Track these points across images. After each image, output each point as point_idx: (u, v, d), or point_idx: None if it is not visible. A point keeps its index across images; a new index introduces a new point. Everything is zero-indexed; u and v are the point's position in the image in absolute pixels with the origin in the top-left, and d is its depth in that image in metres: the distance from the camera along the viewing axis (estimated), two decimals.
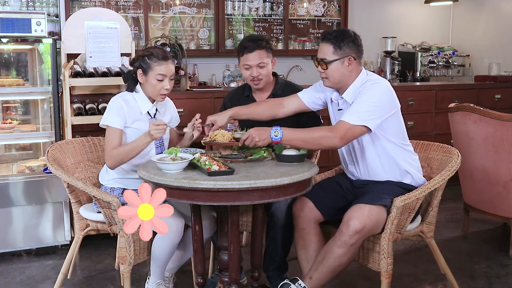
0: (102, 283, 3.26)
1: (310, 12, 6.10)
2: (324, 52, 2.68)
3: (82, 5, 5.07)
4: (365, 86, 2.65)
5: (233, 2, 5.78)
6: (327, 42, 2.68)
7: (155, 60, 2.76)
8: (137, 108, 2.83)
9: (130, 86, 2.85)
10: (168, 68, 2.78)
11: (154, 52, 2.78)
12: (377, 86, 2.64)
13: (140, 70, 2.79)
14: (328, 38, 2.69)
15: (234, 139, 2.57)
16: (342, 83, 2.70)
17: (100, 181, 2.95)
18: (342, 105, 2.77)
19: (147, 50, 2.83)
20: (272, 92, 3.12)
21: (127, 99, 2.82)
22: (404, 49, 6.51)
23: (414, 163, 2.79)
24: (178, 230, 2.63)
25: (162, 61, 2.76)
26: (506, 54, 6.12)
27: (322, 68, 2.69)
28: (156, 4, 5.54)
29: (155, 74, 2.76)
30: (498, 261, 3.55)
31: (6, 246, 3.62)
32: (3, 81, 3.78)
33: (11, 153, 4.19)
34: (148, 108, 2.84)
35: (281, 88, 3.12)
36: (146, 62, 2.76)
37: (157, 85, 2.78)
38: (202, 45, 5.78)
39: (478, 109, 3.59)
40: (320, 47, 2.72)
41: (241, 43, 3.12)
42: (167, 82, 2.79)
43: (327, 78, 2.70)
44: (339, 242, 2.49)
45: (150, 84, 2.78)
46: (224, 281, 2.62)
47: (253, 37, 3.10)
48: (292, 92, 3.05)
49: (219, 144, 2.59)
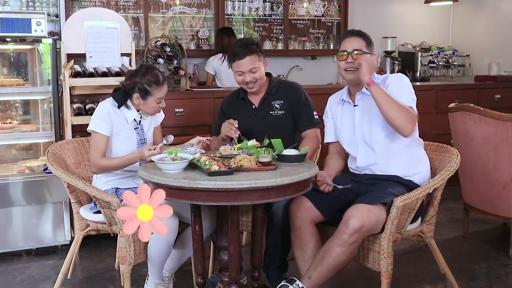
0: (102, 283, 3.26)
1: (310, 12, 6.11)
2: (357, 45, 2.73)
3: (82, 5, 5.08)
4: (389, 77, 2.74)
5: (233, 2, 5.78)
6: (358, 36, 2.76)
7: (154, 87, 2.82)
8: (123, 116, 2.88)
9: (120, 101, 2.86)
10: (165, 90, 2.88)
11: (152, 78, 2.81)
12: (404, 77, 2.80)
13: (138, 95, 2.82)
14: (358, 33, 2.77)
15: (260, 163, 2.51)
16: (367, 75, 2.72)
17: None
18: (359, 101, 2.81)
19: (143, 77, 2.81)
20: (266, 91, 3.12)
21: (114, 106, 2.86)
22: (404, 49, 6.52)
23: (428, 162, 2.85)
24: (172, 229, 2.63)
25: (161, 86, 2.84)
26: (506, 54, 6.13)
27: (355, 58, 2.70)
28: (156, 4, 5.54)
29: (155, 98, 2.84)
30: (498, 261, 3.55)
31: (6, 246, 3.62)
32: (3, 81, 3.78)
33: (11, 153, 4.19)
34: (134, 116, 2.90)
35: (276, 87, 3.12)
36: (145, 88, 2.81)
37: (156, 107, 2.87)
38: (202, 45, 5.78)
39: (478, 109, 3.59)
40: (348, 41, 2.75)
41: (231, 49, 3.08)
42: (163, 102, 2.89)
43: (358, 68, 2.68)
44: (338, 241, 2.49)
45: (148, 106, 2.86)
46: (224, 281, 2.62)
47: (243, 42, 3.04)
48: (287, 90, 3.10)
49: (248, 170, 2.45)
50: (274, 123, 3.06)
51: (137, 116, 2.91)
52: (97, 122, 2.81)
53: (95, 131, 2.81)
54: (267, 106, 3.10)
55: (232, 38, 5.38)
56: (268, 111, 3.10)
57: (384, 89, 2.63)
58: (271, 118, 3.08)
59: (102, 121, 2.81)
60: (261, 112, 3.11)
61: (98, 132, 2.80)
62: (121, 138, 2.87)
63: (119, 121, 2.85)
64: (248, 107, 3.14)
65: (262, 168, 2.44)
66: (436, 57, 6.46)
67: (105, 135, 2.81)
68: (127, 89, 2.84)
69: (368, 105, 2.76)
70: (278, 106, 3.09)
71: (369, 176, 2.80)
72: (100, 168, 2.81)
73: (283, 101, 3.09)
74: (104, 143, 2.81)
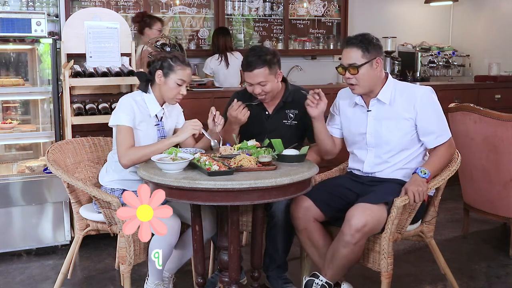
0: (102, 283, 3.26)
1: (310, 12, 6.11)
2: (352, 57, 2.64)
3: (82, 5, 5.08)
4: (417, 93, 2.69)
5: (233, 2, 5.78)
6: (353, 46, 2.64)
7: (179, 64, 2.74)
8: (146, 110, 2.81)
9: (143, 86, 2.83)
10: (189, 74, 2.79)
11: (178, 56, 2.77)
12: (433, 93, 2.73)
13: (161, 71, 2.75)
14: (353, 42, 2.65)
15: (260, 163, 2.51)
16: (372, 86, 2.69)
17: (100, 181, 2.94)
18: (372, 107, 2.75)
19: (170, 53, 2.79)
20: (282, 99, 3.04)
21: (137, 100, 2.81)
22: (404, 49, 6.52)
23: None
24: (174, 231, 2.62)
25: (185, 66, 2.76)
26: (506, 54, 6.12)
27: (351, 74, 2.64)
28: (156, 4, 5.55)
29: (176, 77, 2.74)
30: (498, 261, 3.55)
31: (6, 246, 3.61)
32: (3, 81, 3.77)
33: (11, 153, 4.19)
34: (157, 111, 2.83)
35: (291, 95, 3.04)
36: (169, 64, 2.74)
37: (174, 89, 2.76)
38: (202, 45, 5.78)
39: (478, 109, 3.59)
40: (345, 53, 2.67)
41: (245, 56, 2.98)
42: (184, 88, 2.79)
43: (357, 84, 2.66)
44: (342, 242, 2.52)
45: (168, 86, 2.76)
46: (224, 281, 2.62)
47: (256, 52, 2.92)
48: (301, 98, 2.93)
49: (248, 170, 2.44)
50: (285, 132, 3.00)
51: (159, 112, 2.84)
52: (120, 115, 2.72)
53: (119, 125, 2.71)
54: (281, 115, 3.05)
55: (228, 38, 5.37)
56: (281, 119, 3.04)
57: (412, 109, 2.66)
58: (284, 127, 3.03)
59: (125, 113, 2.72)
60: (274, 120, 3.05)
61: (123, 125, 2.70)
62: (141, 133, 2.78)
63: (140, 115, 2.77)
64: (260, 112, 3.06)
65: (262, 168, 2.44)
66: (436, 57, 6.45)
67: (130, 126, 2.71)
68: (151, 67, 2.78)
69: (383, 112, 2.73)
70: (293, 116, 3.04)
71: (371, 178, 2.80)
72: (128, 157, 2.66)
73: (297, 111, 3.02)
74: (131, 135, 2.71)
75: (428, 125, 2.67)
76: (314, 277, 2.64)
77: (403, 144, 2.71)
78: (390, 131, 2.71)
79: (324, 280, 2.61)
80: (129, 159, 2.68)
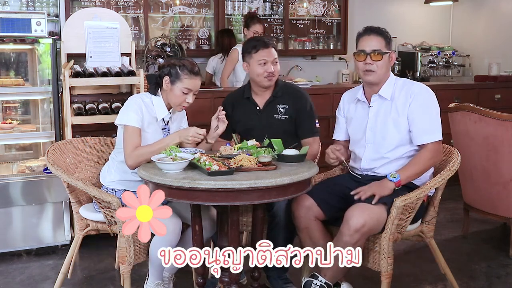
0: (102, 283, 3.26)
1: (310, 12, 6.11)
2: (377, 44, 2.67)
3: (82, 5, 5.08)
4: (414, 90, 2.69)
5: (233, 2, 5.78)
6: (378, 35, 2.68)
7: (186, 72, 2.75)
8: (153, 112, 2.81)
9: (152, 89, 2.84)
10: (195, 84, 2.78)
11: (187, 64, 2.76)
12: (431, 93, 2.73)
13: (168, 78, 2.76)
14: (378, 31, 2.69)
15: (260, 163, 2.51)
16: (383, 78, 2.72)
17: (101, 181, 2.94)
18: (374, 103, 2.78)
19: (179, 60, 2.80)
20: (272, 94, 3.10)
21: (145, 102, 2.80)
22: (404, 49, 6.51)
23: None
24: (175, 231, 2.62)
25: (192, 75, 2.76)
26: (506, 54, 6.12)
27: (373, 60, 2.66)
28: (156, 4, 5.54)
29: (182, 86, 2.75)
30: (498, 261, 3.55)
31: (6, 246, 3.61)
32: (3, 81, 3.77)
33: (11, 153, 4.19)
34: (164, 115, 2.83)
35: (281, 90, 3.10)
36: (177, 72, 2.75)
37: (180, 97, 2.77)
38: (202, 45, 5.78)
39: (478, 109, 3.59)
40: (368, 40, 2.68)
41: (251, 41, 3.09)
42: (190, 96, 2.79)
43: (376, 71, 2.67)
44: (341, 243, 2.51)
45: (174, 93, 2.77)
46: (224, 281, 2.61)
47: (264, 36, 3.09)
48: (293, 96, 3.06)
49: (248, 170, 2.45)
50: (276, 126, 3.05)
51: (166, 116, 2.84)
52: (129, 114, 2.71)
53: (126, 125, 2.70)
54: (272, 109, 3.09)
55: (233, 39, 5.38)
56: (272, 114, 3.08)
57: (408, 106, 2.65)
58: (275, 122, 3.07)
59: (134, 112, 2.71)
60: (265, 114, 3.09)
61: (131, 125, 2.70)
62: (147, 135, 2.77)
63: (148, 117, 2.77)
64: (252, 107, 3.12)
65: (262, 168, 2.44)
66: (436, 57, 6.45)
67: (138, 127, 2.71)
68: (161, 72, 2.79)
69: (384, 108, 2.75)
70: (283, 110, 3.07)
71: (370, 177, 2.79)
72: (134, 158, 2.66)
73: (288, 106, 3.07)
74: (138, 135, 2.70)
75: (417, 119, 2.67)
76: (313, 277, 2.64)
77: (401, 140, 2.72)
78: (389, 126, 2.72)
79: (323, 280, 2.61)
80: (134, 160, 2.67)
